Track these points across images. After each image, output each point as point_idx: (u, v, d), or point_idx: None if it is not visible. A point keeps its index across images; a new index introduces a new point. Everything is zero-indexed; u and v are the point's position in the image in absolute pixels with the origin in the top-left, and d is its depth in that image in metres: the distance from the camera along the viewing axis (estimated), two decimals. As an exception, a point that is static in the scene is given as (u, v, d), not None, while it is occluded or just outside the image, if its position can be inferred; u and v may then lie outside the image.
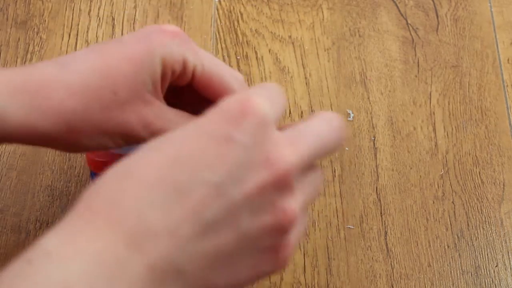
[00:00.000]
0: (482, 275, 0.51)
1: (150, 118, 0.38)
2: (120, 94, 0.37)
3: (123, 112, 0.37)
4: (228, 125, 0.30)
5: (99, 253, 0.27)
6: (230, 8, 0.61)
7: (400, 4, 0.63)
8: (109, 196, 0.29)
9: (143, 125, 0.38)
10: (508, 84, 0.59)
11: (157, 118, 0.38)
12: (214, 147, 0.29)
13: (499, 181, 0.55)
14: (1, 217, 0.50)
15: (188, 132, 0.30)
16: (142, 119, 0.38)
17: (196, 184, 0.28)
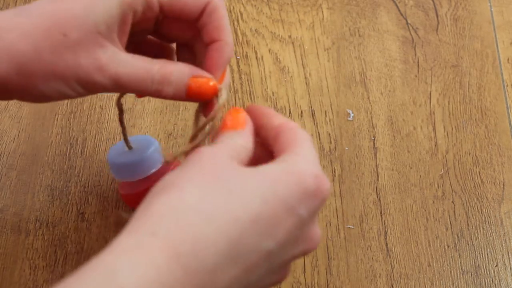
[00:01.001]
0: (482, 275, 0.51)
1: (104, 61, 0.37)
2: (70, 36, 0.36)
3: (74, 54, 0.36)
4: (300, 199, 0.33)
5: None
6: (230, 8, 0.61)
7: (400, 4, 0.63)
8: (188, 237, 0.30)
9: (97, 67, 0.37)
10: (508, 84, 0.59)
11: (111, 61, 0.37)
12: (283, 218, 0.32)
13: (499, 181, 0.55)
14: (1, 217, 0.50)
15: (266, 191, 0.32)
16: (95, 62, 0.37)
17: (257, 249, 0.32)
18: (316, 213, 0.34)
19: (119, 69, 0.37)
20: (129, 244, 0.29)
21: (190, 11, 0.39)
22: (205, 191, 0.31)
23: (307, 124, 0.56)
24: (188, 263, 0.29)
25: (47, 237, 0.49)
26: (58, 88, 0.37)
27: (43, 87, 0.37)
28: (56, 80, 0.37)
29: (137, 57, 0.38)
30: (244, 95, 0.57)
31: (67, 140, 0.53)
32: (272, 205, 0.32)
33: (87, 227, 0.50)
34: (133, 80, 0.38)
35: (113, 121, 0.54)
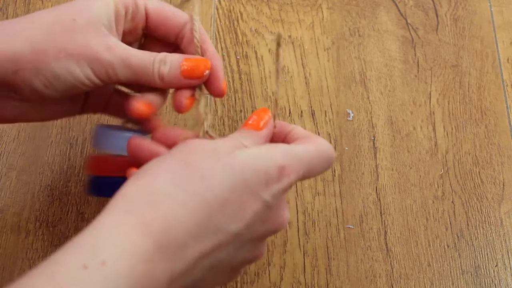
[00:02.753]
0: (481, 275, 0.51)
1: (111, 43, 0.41)
2: (79, 21, 0.40)
3: (84, 35, 0.40)
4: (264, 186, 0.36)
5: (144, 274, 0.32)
6: (230, 8, 0.61)
7: (400, 4, 0.63)
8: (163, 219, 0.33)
9: (106, 47, 0.41)
10: (508, 84, 0.59)
11: (118, 45, 0.41)
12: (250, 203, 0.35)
13: (499, 181, 0.55)
14: (1, 217, 0.50)
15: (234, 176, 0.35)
16: (103, 43, 0.41)
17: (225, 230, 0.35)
18: (281, 197, 0.37)
19: (127, 51, 0.41)
20: (106, 223, 0.33)
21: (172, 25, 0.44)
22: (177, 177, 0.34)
23: (307, 124, 0.56)
24: (159, 238, 0.32)
25: (47, 237, 0.49)
26: (69, 67, 0.40)
27: (55, 66, 0.40)
28: (68, 58, 0.40)
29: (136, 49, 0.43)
30: (244, 95, 0.57)
31: (67, 140, 0.53)
32: (239, 191, 0.35)
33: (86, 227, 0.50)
34: (140, 60, 0.42)
35: (113, 121, 0.54)
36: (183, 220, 0.33)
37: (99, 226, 0.33)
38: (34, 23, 0.40)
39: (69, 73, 0.40)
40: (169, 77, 0.43)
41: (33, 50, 0.39)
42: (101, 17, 0.41)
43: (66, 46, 0.40)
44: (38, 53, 0.39)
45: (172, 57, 0.43)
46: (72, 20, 0.40)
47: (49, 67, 0.40)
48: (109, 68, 0.41)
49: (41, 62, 0.39)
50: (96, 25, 0.41)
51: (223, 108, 0.56)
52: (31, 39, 0.39)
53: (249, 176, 0.35)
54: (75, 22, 0.40)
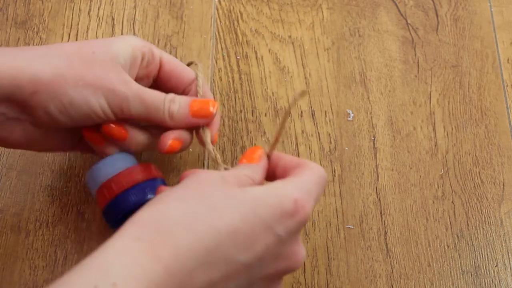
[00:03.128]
0: (482, 275, 0.51)
1: (127, 79, 0.43)
2: (98, 54, 0.42)
3: (103, 68, 0.42)
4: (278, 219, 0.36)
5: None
6: (230, 8, 0.61)
7: (400, 4, 0.63)
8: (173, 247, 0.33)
9: (123, 81, 0.42)
10: (508, 84, 0.59)
11: (133, 81, 0.43)
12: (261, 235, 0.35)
13: (499, 181, 0.55)
14: (1, 217, 0.50)
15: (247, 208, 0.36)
16: (120, 77, 0.42)
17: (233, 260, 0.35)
18: (296, 233, 0.37)
19: (141, 88, 0.43)
20: (116, 247, 0.33)
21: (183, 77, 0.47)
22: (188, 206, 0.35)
23: (307, 124, 0.56)
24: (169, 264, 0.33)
25: (47, 237, 0.49)
26: (86, 96, 0.41)
27: (72, 92, 0.41)
28: (85, 87, 0.41)
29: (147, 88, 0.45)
30: (244, 95, 0.57)
31: (67, 140, 0.53)
32: (251, 222, 0.35)
33: (87, 227, 0.50)
34: (153, 99, 0.43)
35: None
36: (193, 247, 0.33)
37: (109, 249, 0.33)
38: (54, 51, 0.42)
39: (85, 101, 0.42)
40: (178, 116, 0.45)
41: (53, 74, 0.40)
42: (119, 56, 0.43)
43: (85, 76, 0.41)
44: (58, 77, 0.41)
45: (181, 98, 0.45)
46: (91, 53, 0.42)
47: (67, 93, 0.41)
48: (124, 102, 0.42)
49: (59, 86, 0.41)
50: (114, 61, 0.43)
51: (223, 108, 0.56)
52: (51, 64, 0.41)
53: (262, 209, 0.35)
54: (94, 54, 0.42)
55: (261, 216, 0.35)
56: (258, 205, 0.36)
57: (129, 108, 0.43)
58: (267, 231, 0.35)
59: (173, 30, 0.60)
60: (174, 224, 0.34)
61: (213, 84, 0.57)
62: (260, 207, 0.36)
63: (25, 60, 0.40)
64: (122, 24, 0.60)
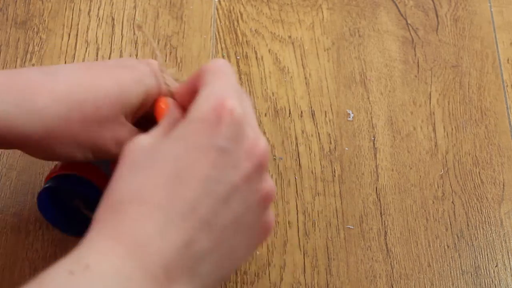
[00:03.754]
0: (482, 275, 0.51)
1: (123, 137, 0.40)
2: (102, 111, 0.39)
3: (100, 127, 0.40)
4: (209, 134, 0.33)
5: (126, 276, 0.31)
6: (230, 8, 0.61)
7: (400, 4, 0.63)
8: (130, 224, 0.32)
9: (116, 142, 0.40)
10: (508, 84, 0.59)
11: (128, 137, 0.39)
12: (204, 159, 0.33)
13: (499, 181, 0.55)
14: (1, 217, 0.50)
15: (176, 146, 0.34)
16: (116, 137, 0.40)
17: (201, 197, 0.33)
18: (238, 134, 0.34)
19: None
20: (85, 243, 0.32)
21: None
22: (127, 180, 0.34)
23: (307, 124, 0.56)
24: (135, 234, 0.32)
25: (47, 237, 0.49)
26: (72, 152, 0.40)
27: (59, 150, 0.40)
28: (74, 146, 0.40)
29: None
30: (244, 95, 0.57)
31: (67, 140, 0.53)
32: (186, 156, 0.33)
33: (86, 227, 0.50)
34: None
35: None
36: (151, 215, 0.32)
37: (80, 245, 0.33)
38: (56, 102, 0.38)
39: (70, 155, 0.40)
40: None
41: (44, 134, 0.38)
42: (126, 108, 0.40)
43: (78, 136, 0.39)
44: (48, 137, 0.39)
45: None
46: (95, 109, 0.39)
47: (53, 149, 0.40)
48: (109, 156, 0.41)
49: (47, 144, 0.39)
50: (117, 116, 0.40)
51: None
52: (46, 123, 0.38)
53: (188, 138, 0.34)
54: (98, 111, 0.39)
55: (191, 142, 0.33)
56: (182, 137, 0.34)
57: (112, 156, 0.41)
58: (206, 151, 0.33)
59: (173, 30, 0.60)
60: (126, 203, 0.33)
61: (213, 84, 0.57)
62: (185, 138, 0.34)
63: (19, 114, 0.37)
64: (122, 24, 0.59)
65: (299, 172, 0.54)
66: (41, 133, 0.38)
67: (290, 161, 0.54)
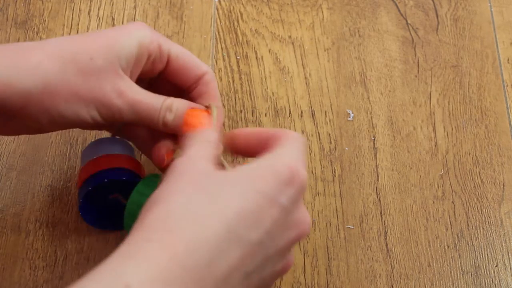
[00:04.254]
0: (482, 275, 0.51)
1: (123, 88, 0.41)
2: (96, 61, 0.40)
3: (98, 78, 0.40)
4: (278, 188, 0.35)
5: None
6: (230, 8, 0.61)
7: (400, 4, 0.63)
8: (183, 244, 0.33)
9: (117, 93, 0.41)
10: (508, 84, 0.59)
11: (129, 89, 0.41)
12: (266, 209, 0.35)
13: (499, 181, 0.55)
14: (1, 217, 0.50)
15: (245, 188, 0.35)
16: (115, 87, 0.41)
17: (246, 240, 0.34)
18: (298, 200, 0.37)
19: (136, 96, 0.42)
20: (129, 251, 0.32)
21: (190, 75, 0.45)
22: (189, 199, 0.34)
23: (307, 124, 0.56)
24: (184, 261, 0.32)
25: (47, 237, 0.49)
26: (77, 110, 0.40)
27: (63, 108, 0.40)
28: (77, 102, 0.40)
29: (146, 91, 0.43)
30: (244, 95, 0.57)
31: (67, 140, 0.53)
32: (253, 199, 0.34)
33: (87, 227, 0.50)
34: (147, 107, 0.42)
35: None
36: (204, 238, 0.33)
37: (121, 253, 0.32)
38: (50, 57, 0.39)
39: (76, 115, 0.41)
40: (172, 125, 0.43)
41: (44, 89, 0.39)
42: (121, 58, 0.41)
43: (78, 89, 0.40)
44: (49, 93, 0.39)
45: (178, 104, 0.43)
46: (89, 59, 0.40)
47: (57, 108, 0.40)
48: (116, 113, 0.41)
49: (50, 101, 0.39)
50: (113, 66, 0.41)
51: (223, 108, 0.56)
52: (44, 77, 0.39)
53: (260, 183, 0.35)
54: (91, 61, 0.40)
55: (261, 190, 0.35)
56: (255, 180, 0.35)
57: (122, 117, 0.42)
58: (271, 203, 0.35)
59: (173, 30, 0.60)
60: (180, 219, 0.33)
61: (213, 84, 0.57)
62: (257, 182, 0.35)
63: (15, 72, 0.38)
64: (122, 24, 0.59)
65: (299, 172, 0.54)
66: (40, 88, 0.39)
67: (290, 161, 0.54)
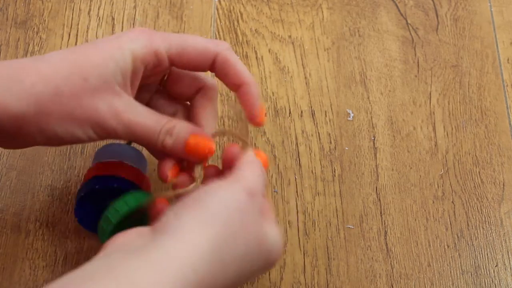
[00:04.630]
0: (482, 275, 0.51)
1: (120, 108, 0.40)
2: (90, 81, 0.39)
3: (93, 99, 0.39)
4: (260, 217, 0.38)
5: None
6: (230, 8, 0.61)
7: (400, 4, 0.63)
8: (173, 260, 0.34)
9: (113, 114, 0.40)
10: (508, 84, 0.59)
11: (126, 109, 0.40)
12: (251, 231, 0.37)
13: (499, 181, 0.55)
14: (1, 217, 0.50)
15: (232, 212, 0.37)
16: (112, 108, 0.40)
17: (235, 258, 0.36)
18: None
19: (133, 117, 0.40)
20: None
21: (200, 63, 0.42)
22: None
23: (307, 124, 0.56)
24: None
25: (47, 237, 0.49)
26: (72, 131, 0.40)
27: (58, 128, 0.39)
28: (72, 123, 0.39)
29: (148, 108, 0.42)
30: (244, 95, 0.57)
31: (67, 140, 0.53)
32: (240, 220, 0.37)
33: (87, 227, 0.50)
34: (145, 129, 0.41)
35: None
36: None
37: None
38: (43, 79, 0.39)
39: (72, 135, 0.40)
40: (171, 150, 0.42)
41: (39, 111, 0.38)
42: (116, 74, 0.40)
43: (72, 110, 0.39)
44: (43, 114, 0.39)
45: (180, 129, 0.42)
46: (83, 80, 0.39)
47: (53, 129, 0.39)
48: (112, 133, 0.40)
49: (45, 123, 0.39)
50: (109, 85, 0.40)
51: (223, 108, 0.56)
52: (38, 99, 0.38)
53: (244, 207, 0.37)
54: (86, 82, 0.39)
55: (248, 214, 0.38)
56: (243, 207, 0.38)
57: (118, 136, 0.41)
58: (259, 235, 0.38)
59: (173, 30, 0.60)
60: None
61: (213, 84, 0.57)
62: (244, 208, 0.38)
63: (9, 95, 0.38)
64: (122, 24, 0.59)
65: (299, 172, 0.54)
66: (34, 110, 0.38)
67: (290, 161, 0.54)
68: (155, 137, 0.41)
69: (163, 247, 0.34)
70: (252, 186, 0.39)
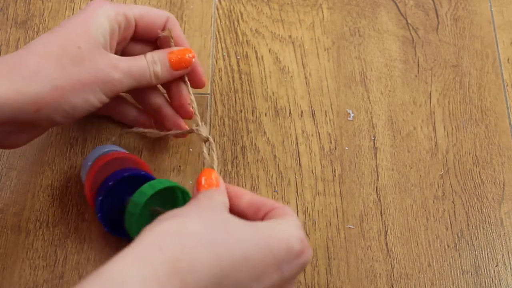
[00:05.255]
0: (482, 275, 0.51)
1: (115, 61, 0.45)
2: (83, 47, 0.43)
3: (91, 61, 0.43)
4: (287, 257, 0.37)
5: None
6: (230, 8, 0.61)
7: (400, 4, 0.63)
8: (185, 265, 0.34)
9: (113, 67, 0.44)
10: (508, 84, 0.59)
11: (119, 60, 0.45)
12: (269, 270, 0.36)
13: (499, 181, 0.55)
14: (1, 217, 0.50)
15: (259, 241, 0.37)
16: (110, 63, 0.44)
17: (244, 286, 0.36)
18: (297, 274, 0.39)
19: (127, 65, 0.45)
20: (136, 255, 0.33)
21: (157, 22, 0.48)
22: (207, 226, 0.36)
23: (307, 124, 0.56)
24: (185, 278, 0.33)
25: (47, 237, 0.49)
26: (85, 97, 0.43)
27: (73, 99, 0.43)
28: (83, 89, 0.43)
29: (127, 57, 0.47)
30: (244, 95, 0.57)
31: (67, 140, 0.53)
32: (264, 253, 0.36)
33: (87, 227, 0.50)
34: (139, 69, 0.46)
35: (113, 121, 0.54)
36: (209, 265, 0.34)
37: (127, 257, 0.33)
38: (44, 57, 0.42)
39: (86, 102, 0.44)
40: (162, 74, 0.47)
41: (52, 88, 0.42)
42: (99, 37, 0.44)
43: (80, 77, 0.43)
44: (57, 89, 0.42)
45: (159, 54, 0.47)
46: (77, 48, 0.43)
47: (68, 101, 0.43)
48: (118, 86, 0.45)
49: (61, 97, 0.42)
50: (98, 47, 0.44)
51: (223, 108, 0.56)
52: (48, 76, 0.42)
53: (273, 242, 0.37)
54: (80, 49, 0.43)
55: (272, 248, 0.36)
56: (270, 237, 0.37)
57: (123, 87, 0.45)
58: (275, 266, 0.36)
59: (173, 30, 0.60)
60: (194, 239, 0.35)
61: (213, 83, 0.57)
62: (271, 239, 0.37)
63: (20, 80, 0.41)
64: (122, 24, 0.59)
65: (299, 172, 0.54)
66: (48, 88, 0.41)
67: (290, 161, 0.54)
68: (147, 71, 0.46)
69: None
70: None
